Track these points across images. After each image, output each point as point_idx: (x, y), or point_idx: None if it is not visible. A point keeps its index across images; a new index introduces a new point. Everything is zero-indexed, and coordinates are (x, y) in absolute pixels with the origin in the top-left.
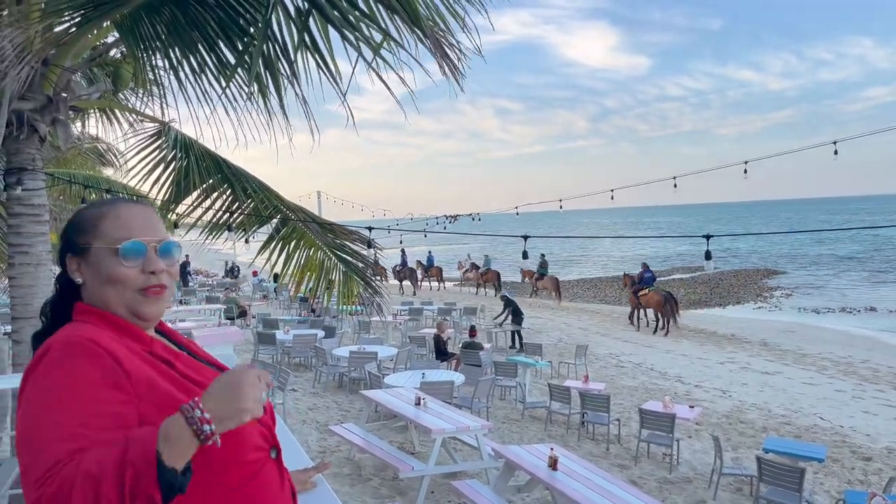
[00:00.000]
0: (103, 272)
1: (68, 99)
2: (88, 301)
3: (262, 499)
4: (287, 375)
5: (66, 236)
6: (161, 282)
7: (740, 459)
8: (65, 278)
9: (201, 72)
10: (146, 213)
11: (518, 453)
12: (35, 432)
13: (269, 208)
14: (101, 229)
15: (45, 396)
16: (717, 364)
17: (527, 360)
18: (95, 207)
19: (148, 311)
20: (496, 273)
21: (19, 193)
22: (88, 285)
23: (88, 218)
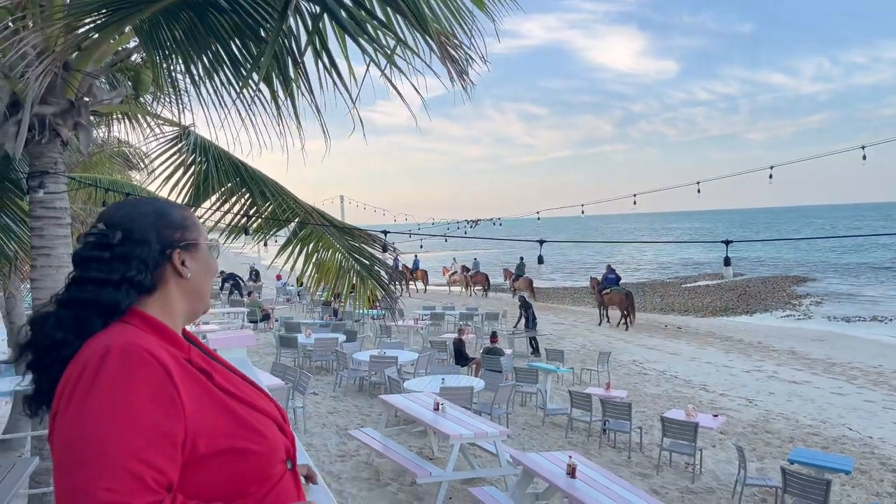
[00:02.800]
0: (211, 266)
1: (90, 103)
2: (157, 303)
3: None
4: (308, 379)
5: (163, 231)
6: None
7: (765, 470)
8: (150, 275)
9: (218, 76)
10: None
11: (536, 460)
12: (100, 440)
13: (286, 211)
14: (199, 227)
15: (112, 404)
16: (744, 372)
17: (548, 366)
18: (178, 206)
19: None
20: (485, 275)
21: (41, 196)
22: (193, 280)
23: (188, 215)
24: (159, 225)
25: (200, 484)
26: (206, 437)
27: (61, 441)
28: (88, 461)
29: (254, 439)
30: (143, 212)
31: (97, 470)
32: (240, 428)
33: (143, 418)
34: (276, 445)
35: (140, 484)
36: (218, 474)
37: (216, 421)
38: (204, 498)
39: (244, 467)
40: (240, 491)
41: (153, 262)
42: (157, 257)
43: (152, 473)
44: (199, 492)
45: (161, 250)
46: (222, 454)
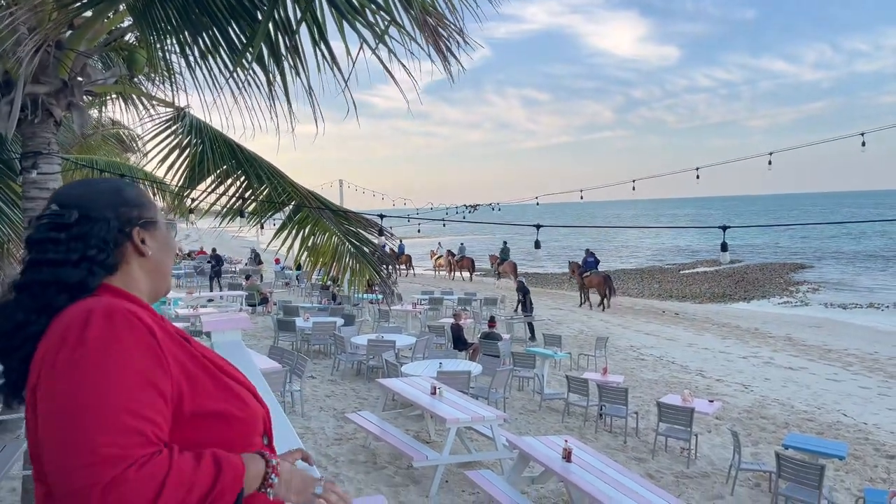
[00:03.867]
0: (170, 243)
1: (84, 83)
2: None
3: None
4: (305, 362)
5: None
6: None
7: (760, 455)
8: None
9: (213, 57)
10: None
11: (532, 444)
12: (95, 403)
13: (282, 195)
14: (154, 206)
15: (103, 365)
16: (740, 358)
17: (545, 351)
18: (132, 187)
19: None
20: (470, 260)
21: (35, 177)
22: (153, 258)
23: (142, 194)
24: (117, 203)
25: (188, 445)
26: (191, 397)
27: (54, 406)
28: (87, 421)
29: (236, 405)
30: (100, 190)
31: (97, 428)
32: (222, 391)
33: (135, 375)
34: (256, 414)
35: (140, 437)
36: (203, 438)
37: (200, 382)
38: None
39: (228, 433)
40: None
41: (113, 240)
42: (117, 235)
43: (150, 427)
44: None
45: (120, 228)
46: (207, 416)
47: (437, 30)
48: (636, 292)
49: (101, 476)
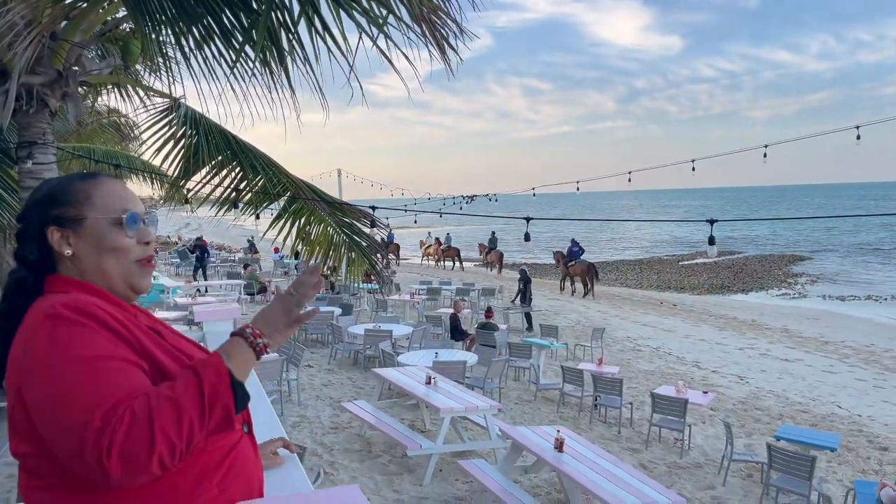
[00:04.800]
0: (105, 243)
1: (79, 73)
2: (72, 274)
3: (240, 470)
4: (302, 351)
5: (43, 209)
6: (153, 253)
7: (753, 446)
8: (37, 253)
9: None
10: (128, 188)
11: (525, 434)
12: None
13: (277, 185)
14: (95, 201)
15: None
16: (736, 350)
17: (542, 341)
18: (81, 180)
19: (142, 282)
20: (456, 249)
21: (30, 167)
22: (80, 257)
23: (79, 189)
24: (42, 202)
25: None
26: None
27: (38, 406)
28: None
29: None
30: (39, 190)
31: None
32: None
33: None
34: None
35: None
36: None
37: (166, 367)
38: None
39: None
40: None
41: (34, 238)
42: (38, 234)
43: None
44: None
45: (39, 227)
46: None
47: (434, 22)
48: (634, 283)
49: (98, 447)
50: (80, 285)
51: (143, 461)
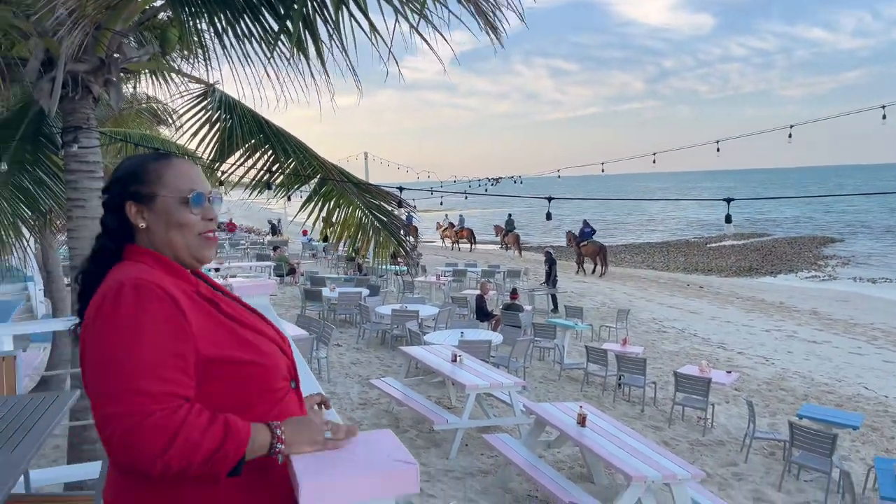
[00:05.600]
0: (173, 218)
1: (119, 61)
2: (145, 244)
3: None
4: (331, 331)
5: (123, 185)
6: (215, 227)
7: (777, 425)
8: (117, 223)
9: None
10: (198, 169)
11: (548, 410)
12: (119, 363)
13: (308, 168)
14: (166, 180)
15: (126, 332)
16: (763, 332)
17: (566, 322)
18: (154, 160)
19: (206, 254)
20: (469, 230)
21: (76, 151)
22: (152, 230)
23: (152, 169)
24: (123, 179)
25: (212, 397)
26: (213, 354)
27: (90, 364)
28: (115, 379)
29: (255, 355)
30: (121, 167)
31: (122, 384)
32: (242, 344)
33: (157, 341)
34: (277, 363)
35: (159, 394)
36: (226, 387)
37: (221, 340)
38: (218, 409)
39: (248, 380)
40: (247, 403)
41: (116, 211)
42: (118, 207)
43: (169, 386)
44: (213, 405)
45: (119, 201)
46: (228, 367)
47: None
48: (661, 265)
49: (123, 423)
50: (152, 255)
51: (148, 459)
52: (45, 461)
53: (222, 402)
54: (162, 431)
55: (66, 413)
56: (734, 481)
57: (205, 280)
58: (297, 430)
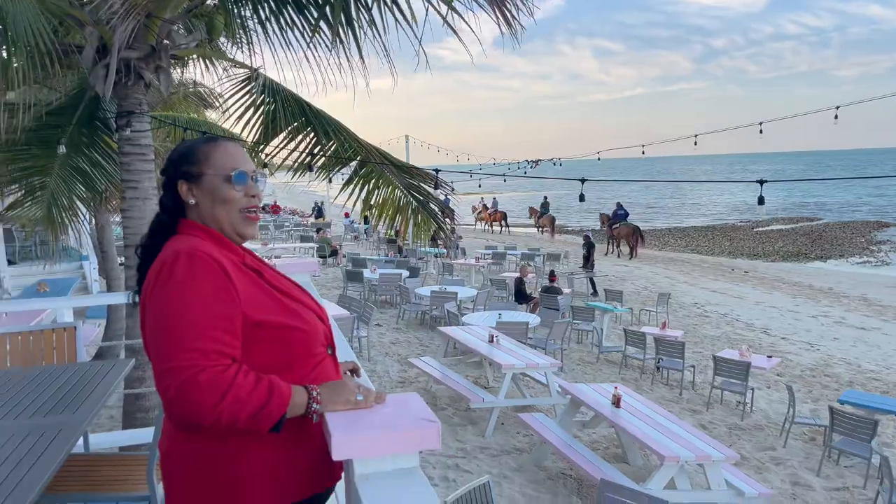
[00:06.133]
0: (218, 195)
1: (169, 48)
2: (196, 219)
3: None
4: (371, 311)
5: (175, 166)
6: (258, 205)
7: (819, 411)
8: (171, 200)
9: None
10: (243, 149)
11: (584, 390)
12: (175, 323)
13: (348, 150)
14: (213, 160)
15: (181, 296)
16: (809, 317)
17: (605, 305)
18: (203, 143)
19: (247, 231)
20: (503, 213)
21: (129, 134)
22: (201, 206)
23: (201, 151)
24: (176, 160)
25: (257, 357)
26: (258, 318)
27: (150, 325)
28: (172, 336)
29: (295, 320)
30: (176, 150)
31: (179, 342)
32: (284, 311)
33: (208, 305)
34: (315, 329)
35: (211, 352)
36: (270, 349)
37: (265, 305)
38: (261, 370)
39: (290, 343)
40: (288, 363)
41: (170, 189)
42: (172, 186)
43: (219, 345)
44: (257, 365)
45: (173, 180)
46: (271, 331)
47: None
48: (705, 249)
49: (180, 374)
50: (203, 229)
51: (201, 412)
52: (101, 429)
53: (265, 363)
54: (214, 388)
55: (122, 381)
56: (772, 465)
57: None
58: (331, 392)
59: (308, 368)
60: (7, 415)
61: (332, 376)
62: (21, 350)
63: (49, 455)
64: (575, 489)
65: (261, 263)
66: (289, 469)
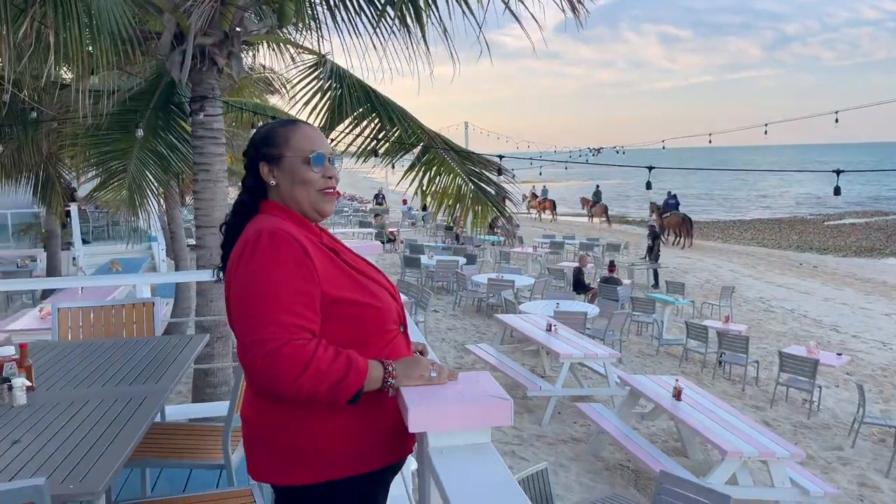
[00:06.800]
0: (297, 176)
1: (241, 34)
2: (276, 199)
3: (396, 359)
4: (429, 297)
5: (257, 148)
6: (335, 185)
7: (890, 412)
8: (253, 181)
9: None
10: (320, 132)
11: (643, 382)
12: (260, 299)
13: (412, 136)
14: (292, 143)
15: (264, 272)
16: (882, 315)
17: (666, 297)
18: (282, 126)
19: (326, 207)
20: (552, 202)
21: (202, 119)
22: (281, 186)
23: (280, 134)
24: (258, 143)
25: (334, 333)
26: (335, 296)
27: (235, 299)
28: (257, 310)
29: (369, 297)
30: (258, 133)
31: (264, 315)
32: (360, 289)
33: (290, 281)
34: (389, 307)
35: (294, 326)
36: (346, 325)
37: (342, 283)
38: (338, 345)
39: (365, 320)
40: (363, 339)
41: (253, 170)
42: (254, 167)
43: (301, 320)
44: (334, 340)
45: (255, 162)
46: (348, 308)
47: None
48: (772, 243)
49: (265, 346)
50: (283, 209)
51: (284, 382)
52: (170, 403)
53: (342, 338)
54: (297, 360)
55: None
56: (839, 465)
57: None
58: (406, 367)
59: (382, 344)
60: (95, 381)
61: (404, 353)
62: (104, 323)
63: (136, 420)
64: (632, 480)
65: (337, 243)
66: (364, 439)
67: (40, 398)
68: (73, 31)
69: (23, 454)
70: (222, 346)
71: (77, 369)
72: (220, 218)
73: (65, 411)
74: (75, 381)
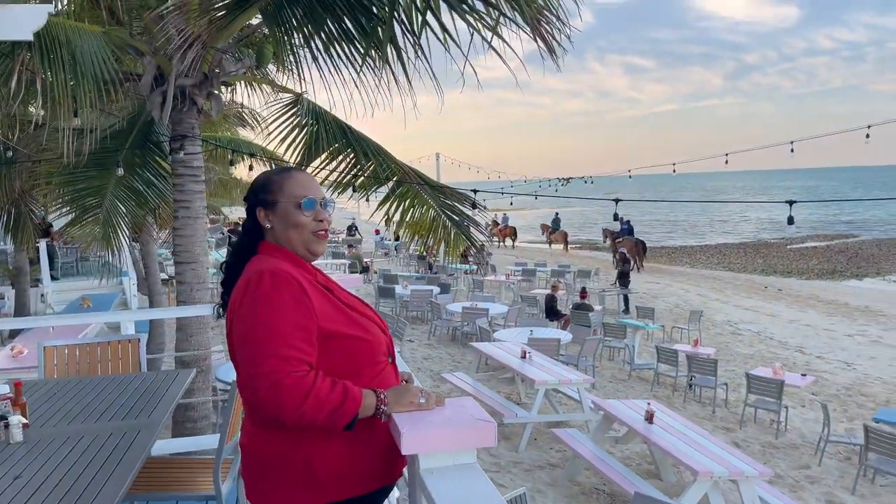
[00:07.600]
0: (290, 220)
1: (220, 75)
2: (272, 241)
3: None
4: (404, 327)
5: (255, 194)
6: (326, 227)
7: (854, 431)
8: (252, 224)
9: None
10: (313, 179)
11: (616, 406)
12: (262, 334)
13: (386, 170)
14: (286, 189)
15: (266, 310)
16: (845, 336)
17: (637, 322)
18: (278, 174)
19: (318, 248)
20: (512, 228)
21: (182, 157)
22: (276, 229)
23: (276, 181)
24: (257, 190)
25: (330, 364)
26: (330, 330)
27: (239, 334)
28: (260, 346)
29: (361, 332)
30: (257, 180)
31: (266, 350)
32: (352, 324)
33: (290, 318)
34: (379, 340)
35: (294, 359)
36: (340, 357)
37: (336, 319)
38: (333, 375)
39: (358, 352)
40: (356, 370)
41: (252, 214)
42: (252, 212)
43: (300, 353)
44: (329, 371)
45: (253, 207)
46: (342, 341)
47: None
48: (738, 267)
49: (269, 378)
50: (279, 250)
51: (287, 411)
52: None
53: (337, 370)
54: (298, 390)
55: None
56: (806, 483)
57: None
58: (397, 395)
59: (373, 374)
60: (88, 417)
61: (393, 382)
62: (90, 360)
63: (132, 454)
64: (608, 503)
65: (330, 282)
66: (359, 463)
67: (35, 435)
68: (60, 76)
69: (25, 489)
70: (203, 381)
71: (68, 406)
72: (199, 254)
73: (61, 447)
74: (68, 418)
